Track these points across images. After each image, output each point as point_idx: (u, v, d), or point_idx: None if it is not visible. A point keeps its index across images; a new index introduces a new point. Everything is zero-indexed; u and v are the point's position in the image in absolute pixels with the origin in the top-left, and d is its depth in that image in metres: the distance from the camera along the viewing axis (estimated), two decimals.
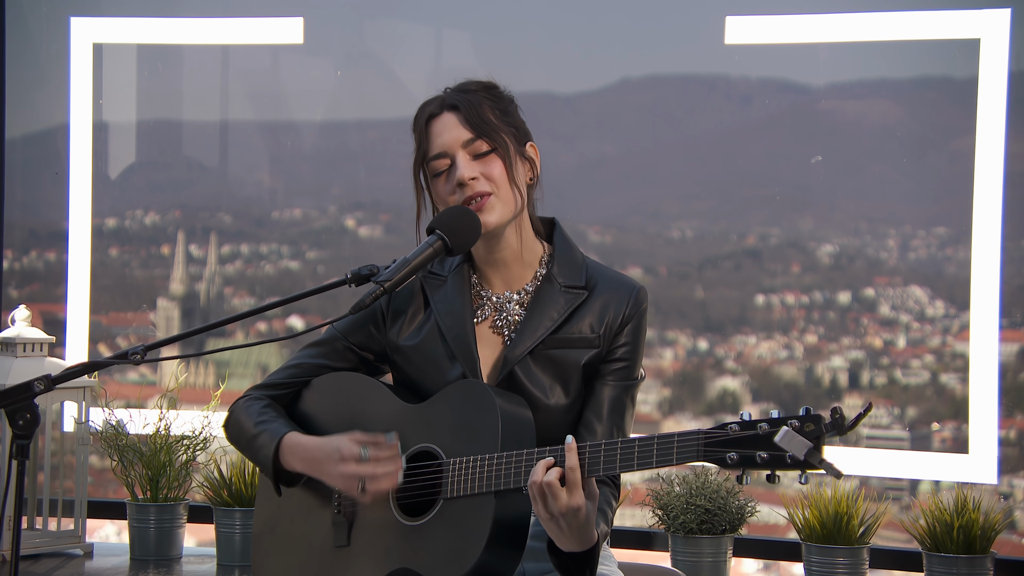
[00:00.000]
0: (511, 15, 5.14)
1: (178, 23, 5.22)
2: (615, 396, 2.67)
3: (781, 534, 4.69)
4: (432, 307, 2.72)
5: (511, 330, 2.69)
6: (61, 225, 5.29)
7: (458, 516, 2.54)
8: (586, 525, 2.43)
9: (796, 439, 2.20)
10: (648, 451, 2.36)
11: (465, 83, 2.71)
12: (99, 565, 4.52)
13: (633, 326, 2.69)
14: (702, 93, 5.12)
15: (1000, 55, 4.42)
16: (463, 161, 2.64)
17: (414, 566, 2.56)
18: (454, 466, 2.56)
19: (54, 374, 2.44)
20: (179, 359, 5.05)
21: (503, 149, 2.65)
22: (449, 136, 2.65)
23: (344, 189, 5.31)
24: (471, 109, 2.65)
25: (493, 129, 2.64)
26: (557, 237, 2.75)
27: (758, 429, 2.25)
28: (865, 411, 2.20)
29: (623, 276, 2.74)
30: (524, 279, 2.71)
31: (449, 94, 2.69)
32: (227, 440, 2.83)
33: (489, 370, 2.68)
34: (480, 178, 2.63)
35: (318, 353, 2.80)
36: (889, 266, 4.82)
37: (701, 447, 2.30)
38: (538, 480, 2.41)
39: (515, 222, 2.68)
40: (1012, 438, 4.58)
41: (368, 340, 2.78)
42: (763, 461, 2.25)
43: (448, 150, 2.65)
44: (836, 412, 2.20)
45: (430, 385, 2.68)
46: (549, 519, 2.42)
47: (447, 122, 2.66)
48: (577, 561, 2.49)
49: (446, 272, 2.74)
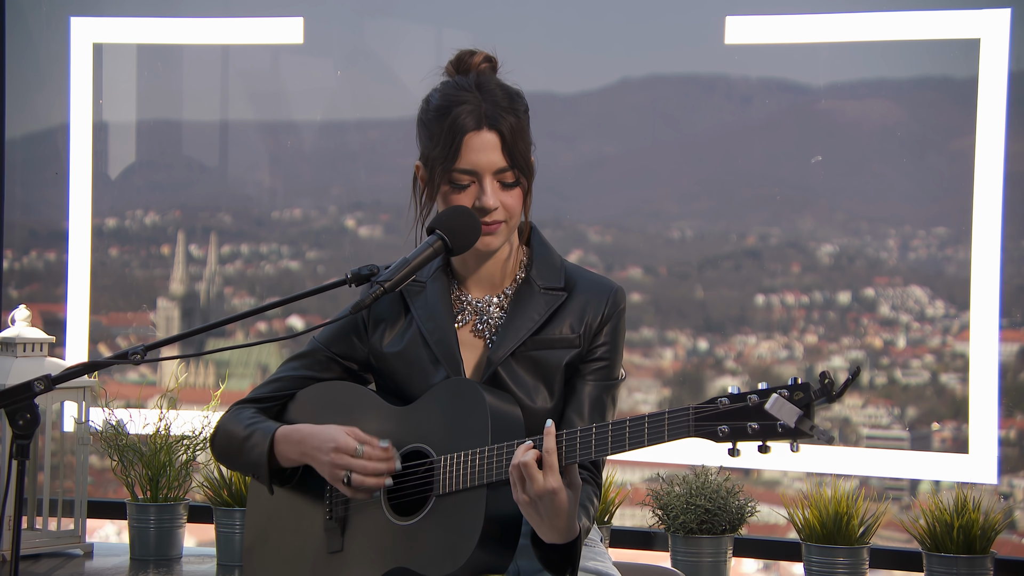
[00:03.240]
0: (511, 15, 5.14)
1: (178, 23, 5.22)
2: (596, 395, 2.68)
3: (781, 534, 4.69)
4: (413, 313, 2.71)
5: (492, 333, 2.69)
6: (61, 225, 5.29)
7: (450, 513, 2.54)
8: (565, 512, 2.43)
9: (786, 407, 2.20)
10: (639, 430, 2.36)
11: (507, 96, 2.65)
12: (99, 565, 4.52)
13: (612, 326, 2.69)
14: (702, 93, 5.12)
15: (1000, 55, 4.42)
16: (491, 188, 2.61)
17: (409, 565, 2.56)
18: (444, 463, 2.56)
19: (54, 374, 2.44)
20: (179, 359, 5.05)
21: (526, 183, 2.65)
22: (484, 159, 2.61)
23: (344, 189, 5.31)
24: (513, 137, 2.61)
25: (525, 163, 2.63)
26: (535, 240, 2.75)
27: (748, 400, 2.25)
28: (853, 376, 2.20)
29: (601, 277, 2.74)
30: (503, 283, 2.72)
31: (488, 108, 2.62)
32: (215, 458, 2.80)
33: (472, 372, 2.68)
34: (500, 208, 2.63)
35: (301, 365, 2.79)
36: (889, 266, 4.82)
37: (692, 422, 2.30)
38: (516, 462, 2.43)
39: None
40: (1012, 438, 4.58)
41: (351, 350, 2.77)
42: (754, 432, 2.25)
43: (479, 170, 2.61)
44: (825, 377, 2.20)
45: (415, 390, 2.68)
46: (527, 503, 2.43)
47: (486, 142, 2.61)
48: (559, 553, 2.49)
49: (425, 278, 2.73)
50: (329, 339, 2.78)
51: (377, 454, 2.59)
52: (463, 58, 2.70)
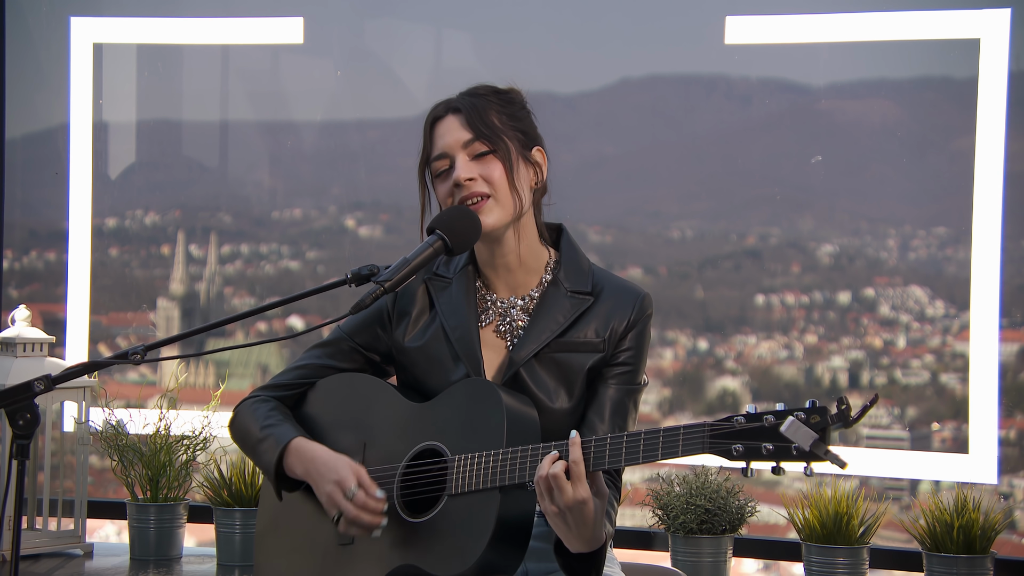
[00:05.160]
0: (511, 15, 5.14)
1: (178, 23, 5.22)
2: (618, 399, 2.68)
3: (781, 534, 4.69)
4: (437, 308, 2.72)
5: (514, 335, 2.69)
6: (61, 225, 5.29)
7: (462, 513, 2.54)
8: (593, 522, 2.43)
9: (802, 430, 2.20)
10: (654, 443, 2.36)
11: (476, 87, 2.72)
12: (99, 565, 4.52)
13: (637, 332, 2.69)
14: (702, 93, 5.12)
15: (1000, 55, 4.42)
16: (461, 162, 2.64)
17: (417, 563, 2.56)
18: (458, 462, 2.56)
19: (54, 374, 2.44)
20: (179, 359, 5.05)
21: (503, 152, 2.65)
22: (450, 137, 2.66)
23: (344, 189, 5.31)
24: (473, 111, 2.66)
25: (494, 131, 2.65)
26: (564, 243, 2.75)
27: (764, 421, 2.25)
28: (871, 403, 2.21)
29: (628, 283, 2.74)
30: (529, 285, 2.72)
31: (456, 97, 2.70)
32: (232, 440, 2.83)
33: (494, 372, 2.68)
34: (478, 179, 2.63)
35: (324, 354, 2.81)
36: (889, 266, 4.82)
37: (707, 439, 2.30)
38: (544, 473, 2.42)
39: (516, 226, 2.68)
40: (1012, 438, 4.58)
41: (374, 341, 2.78)
42: (768, 452, 2.25)
43: (448, 151, 2.66)
44: (842, 403, 2.21)
45: (435, 386, 2.69)
46: (556, 514, 2.43)
47: (449, 124, 2.67)
48: (584, 563, 2.49)
49: (451, 274, 2.74)
50: (353, 329, 2.79)
51: (367, 504, 2.58)
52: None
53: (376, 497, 2.58)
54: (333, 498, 2.60)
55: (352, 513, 2.58)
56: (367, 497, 2.58)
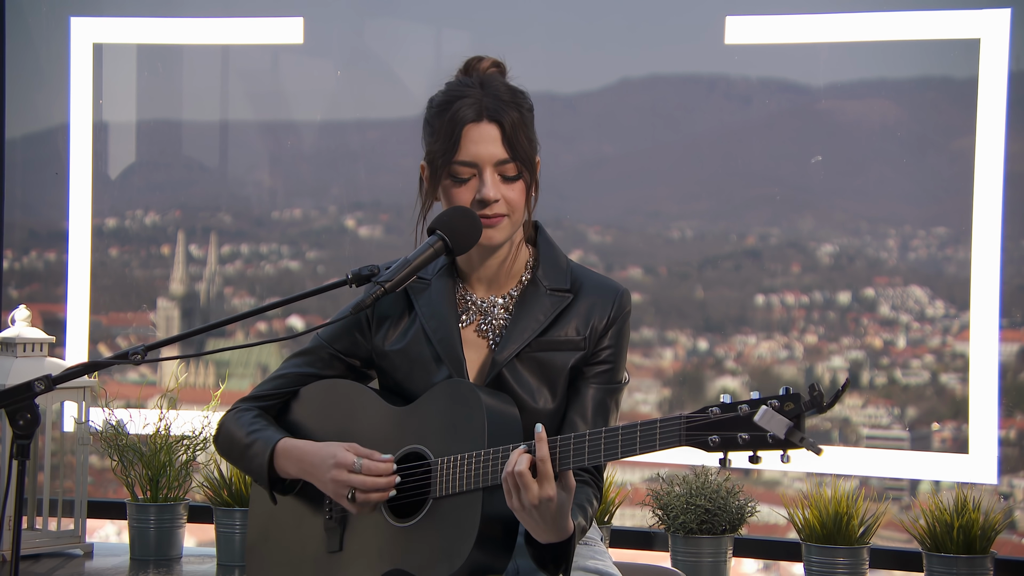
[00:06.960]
0: (511, 15, 5.14)
1: (178, 23, 5.22)
2: (599, 398, 2.67)
3: (781, 534, 4.69)
4: (417, 311, 2.71)
5: (496, 334, 2.69)
6: (61, 225, 5.29)
7: (447, 515, 2.54)
8: (559, 515, 2.43)
9: (776, 418, 2.21)
10: (631, 438, 2.36)
11: (497, 87, 2.64)
12: (99, 565, 4.52)
13: (616, 329, 2.69)
14: (702, 93, 5.12)
15: (1000, 55, 4.42)
16: (491, 180, 2.60)
17: (406, 567, 2.57)
18: (442, 465, 2.56)
19: (54, 374, 2.44)
20: (179, 359, 5.05)
21: (529, 178, 2.63)
22: (485, 150, 2.60)
23: (344, 189, 5.31)
24: (513, 130, 2.60)
25: (527, 156, 2.62)
26: (541, 241, 2.74)
27: (738, 411, 2.25)
28: (843, 388, 2.20)
29: (606, 279, 2.73)
30: (509, 284, 2.71)
31: (489, 101, 2.61)
32: (219, 455, 2.83)
33: (476, 373, 2.68)
34: (502, 200, 2.61)
35: (304, 362, 2.79)
36: (889, 266, 4.82)
37: (683, 431, 2.30)
38: (510, 470, 2.42)
39: (512, 235, 2.68)
40: (1012, 438, 4.58)
41: (354, 347, 2.77)
42: (744, 442, 2.25)
43: (479, 162, 2.60)
44: (814, 389, 2.20)
45: (417, 388, 2.68)
46: (522, 510, 2.43)
47: (486, 134, 2.60)
48: (553, 552, 2.49)
49: (429, 276, 2.72)
50: (332, 336, 2.78)
51: (377, 467, 2.58)
52: (471, 63, 2.70)
53: (383, 459, 2.58)
54: (339, 478, 2.59)
55: (367, 482, 2.57)
56: (373, 462, 2.58)
